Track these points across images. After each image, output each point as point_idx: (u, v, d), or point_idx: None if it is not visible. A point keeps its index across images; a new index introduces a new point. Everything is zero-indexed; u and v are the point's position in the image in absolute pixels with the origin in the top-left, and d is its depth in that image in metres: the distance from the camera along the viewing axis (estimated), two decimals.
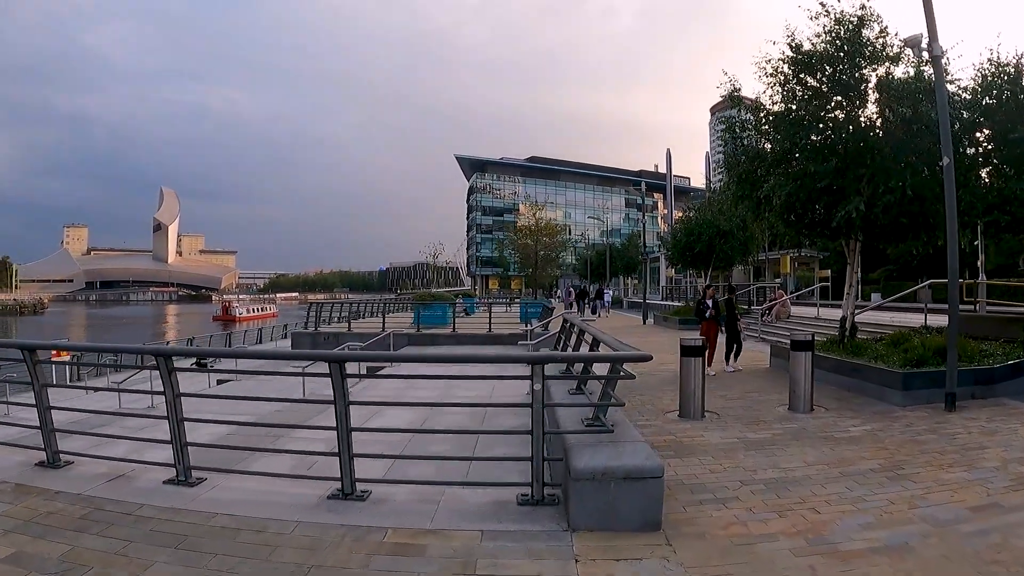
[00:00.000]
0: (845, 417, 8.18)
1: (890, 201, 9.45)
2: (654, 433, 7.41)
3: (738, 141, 11.80)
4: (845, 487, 5.39)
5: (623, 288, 61.12)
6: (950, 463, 6.08)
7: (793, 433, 7.36)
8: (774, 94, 11.07)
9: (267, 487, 5.40)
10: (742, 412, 8.63)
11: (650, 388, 10.58)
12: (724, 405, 9.09)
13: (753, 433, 7.41)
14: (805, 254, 38.19)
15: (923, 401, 8.78)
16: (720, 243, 25.03)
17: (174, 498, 5.12)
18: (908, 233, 10.37)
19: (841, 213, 9.49)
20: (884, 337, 12.17)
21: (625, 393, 10.36)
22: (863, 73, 10.43)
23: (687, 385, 8.28)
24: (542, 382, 4.58)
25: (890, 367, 9.22)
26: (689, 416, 8.23)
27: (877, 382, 9.32)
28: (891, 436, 7.13)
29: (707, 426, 7.84)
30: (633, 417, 8.32)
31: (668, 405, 8.98)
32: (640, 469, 4.34)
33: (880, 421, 7.91)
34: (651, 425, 7.88)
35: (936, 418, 8.03)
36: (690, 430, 7.62)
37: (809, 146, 10.11)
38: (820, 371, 9.43)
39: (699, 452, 6.60)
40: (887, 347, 10.68)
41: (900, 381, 8.85)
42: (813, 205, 10.29)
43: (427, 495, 5.15)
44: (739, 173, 11.55)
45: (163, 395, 5.50)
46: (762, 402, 9.35)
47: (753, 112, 11.56)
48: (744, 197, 11.71)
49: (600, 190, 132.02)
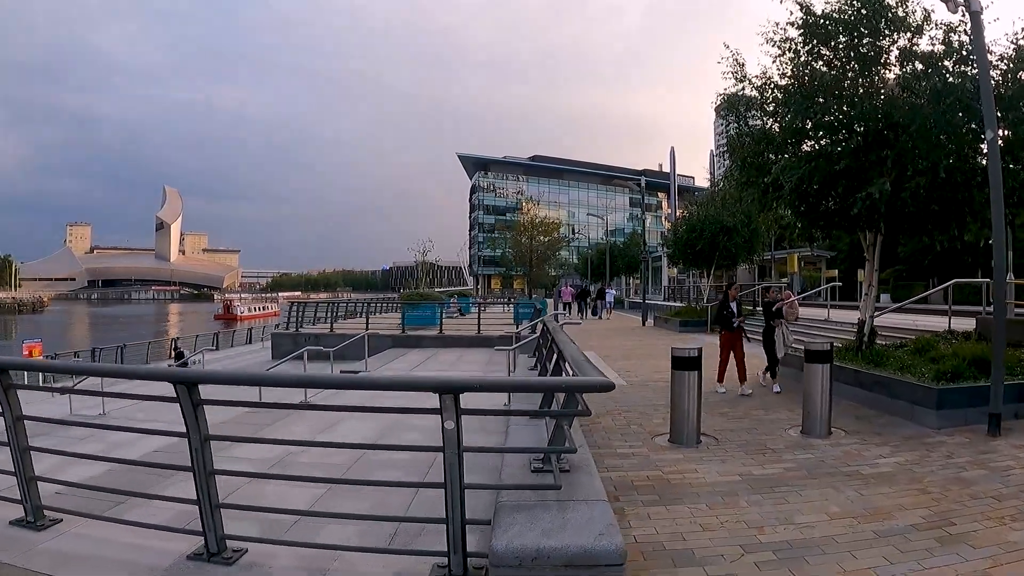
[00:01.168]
0: (870, 444, 6.77)
1: (920, 185, 8.02)
2: (636, 467, 6.02)
3: (742, 121, 10.37)
4: (883, 556, 3.98)
5: (625, 288, 59.61)
6: (1012, 514, 4.68)
7: (809, 467, 5.94)
8: (783, 66, 9.66)
9: (133, 539, 4.08)
10: (746, 436, 7.21)
11: (640, 403, 9.19)
12: (724, 426, 7.68)
13: (759, 466, 6.00)
14: (813, 253, 36.68)
15: (960, 422, 7.38)
16: (724, 240, 23.53)
17: (10, 544, 3.97)
18: (938, 223, 8.92)
19: (863, 197, 8.03)
20: (906, 343, 10.77)
21: (610, 409, 8.94)
22: (883, 44, 9.03)
23: (680, 405, 6.86)
24: (456, 418, 3.20)
25: (922, 381, 7.78)
26: (682, 442, 6.83)
27: (906, 398, 7.90)
28: (930, 472, 5.72)
29: (703, 455, 6.42)
30: (614, 442, 6.96)
31: (658, 426, 7.58)
32: (590, 554, 2.94)
33: (913, 449, 6.50)
34: (634, 455, 6.47)
35: (979, 445, 6.63)
36: (682, 461, 6.20)
37: (825, 123, 8.68)
38: (836, 383, 8.00)
39: (689, 496, 5.20)
40: (912, 355, 9.27)
41: (935, 399, 7.42)
42: (829, 190, 8.81)
43: (316, 561, 3.80)
44: (743, 156, 10.11)
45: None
46: (769, 422, 7.93)
47: (759, 91, 10.15)
48: (749, 183, 10.25)
49: (604, 189, 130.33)
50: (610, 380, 3.07)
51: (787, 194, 9.11)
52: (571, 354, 4.73)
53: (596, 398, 9.71)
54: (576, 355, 4.64)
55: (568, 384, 3.24)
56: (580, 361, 4.29)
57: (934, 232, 9.31)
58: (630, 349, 17.13)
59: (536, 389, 3.23)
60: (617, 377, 11.83)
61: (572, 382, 3.25)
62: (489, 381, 3.14)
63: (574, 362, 4.31)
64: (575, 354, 4.69)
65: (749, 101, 10.38)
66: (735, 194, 23.01)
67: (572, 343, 5.70)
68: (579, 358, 4.44)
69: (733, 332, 10.20)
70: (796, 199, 9.20)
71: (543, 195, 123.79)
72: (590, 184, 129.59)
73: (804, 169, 8.62)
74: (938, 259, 33.54)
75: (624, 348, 17.48)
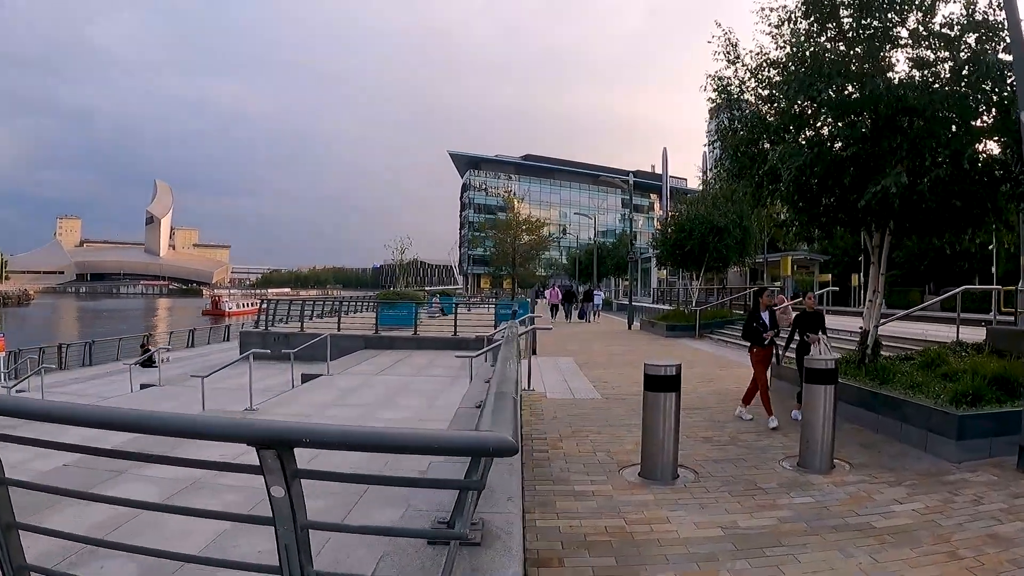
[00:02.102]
0: (881, 482, 5.62)
1: (940, 176, 6.88)
2: (594, 512, 4.84)
3: (734, 106, 9.23)
4: None
5: (614, 289, 58.52)
6: None
7: (809, 517, 4.76)
8: (781, 42, 8.54)
9: None
10: (732, 469, 6.04)
11: (613, 422, 8.04)
12: (707, 455, 6.51)
13: (747, 514, 4.83)
14: (807, 257, 35.70)
15: (984, 454, 6.25)
16: (714, 241, 22.38)
17: None
18: (957, 221, 7.79)
19: (876, 190, 6.85)
20: (911, 355, 9.66)
21: (577, 430, 7.55)
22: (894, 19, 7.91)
23: (653, 433, 5.67)
24: (285, 485, 2.01)
25: (939, 404, 6.63)
26: (655, 476, 5.65)
27: (920, 424, 6.75)
28: (958, 527, 4.56)
29: (678, 496, 5.24)
30: (573, 475, 5.78)
31: (630, 453, 6.39)
32: None
33: (933, 491, 5.36)
34: (595, 494, 5.28)
35: (1011, 485, 5.49)
36: (652, 505, 5.02)
37: (830, 102, 7.51)
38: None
39: (656, 561, 4.01)
40: (920, 371, 8.15)
41: (955, 427, 6.26)
42: (833, 181, 7.63)
43: None
44: (735, 143, 8.95)
45: None
46: (760, 450, 6.75)
47: (754, 73, 9.01)
48: (741, 175, 9.05)
49: (596, 190, 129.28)
50: (511, 442, 1.90)
51: (785, 186, 7.95)
52: (496, 383, 3.54)
53: (562, 414, 8.56)
54: (502, 386, 3.44)
55: (443, 444, 2.06)
56: (503, 396, 3.08)
57: (948, 233, 8.19)
58: (611, 356, 15.96)
59: (394, 448, 2.02)
60: (591, 389, 10.67)
61: (450, 441, 2.07)
62: (333, 432, 1.95)
63: (496, 396, 3.11)
64: (501, 385, 3.49)
65: (743, 83, 9.24)
66: (726, 191, 21.97)
67: (511, 364, 4.51)
68: (504, 391, 3.23)
69: (766, 348, 8.49)
70: (795, 191, 8.04)
71: (535, 194, 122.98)
72: (582, 184, 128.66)
73: (806, 156, 7.45)
74: (934, 264, 32.65)
75: (604, 354, 16.31)
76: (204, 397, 10.91)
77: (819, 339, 7.96)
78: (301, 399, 11.68)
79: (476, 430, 2.40)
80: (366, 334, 21.30)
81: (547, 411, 8.79)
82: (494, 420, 2.54)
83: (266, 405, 10.73)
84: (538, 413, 8.63)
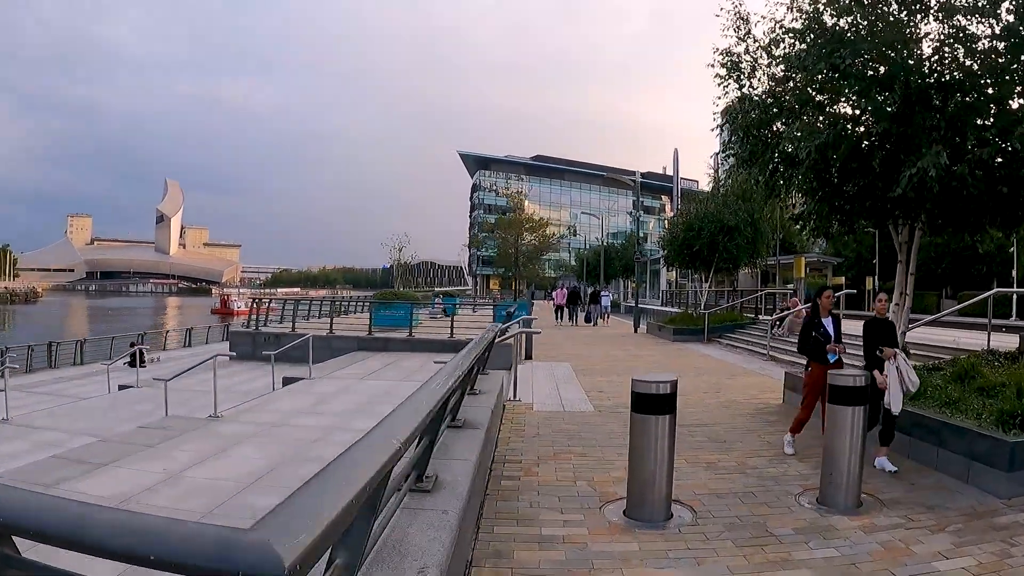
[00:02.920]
0: (919, 526, 4.58)
1: (984, 158, 5.83)
2: (559, 568, 3.83)
3: (743, 83, 8.22)
4: None
5: (623, 291, 57.42)
6: None
7: None
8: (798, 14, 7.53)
9: None
10: (738, 506, 5.01)
11: (603, 441, 7.04)
12: (709, 486, 5.49)
13: (755, 573, 3.84)
14: (819, 258, 34.51)
15: None
16: (724, 240, 21.31)
17: None
18: (1002, 212, 6.73)
19: (912, 172, 5.78)
20: (940, 365, 8.60)
21: (559, 451, 6.50)
22: None
23: (642, 464, 4.64)
24: None
25: (984, 428, 5.59)
26: (643, 516, 4.64)
27: (959, 450, 5.71)
28: None
29: (669, 546, 4.22)
30: (543, 512, 4.78)
31: (617, 482, 5.37)
32: None
33: (983, 538, 4.33)
34: (565, 540, 4.26)
35: None
36: (635, 559, 4.00)
37: (856, 72, 6.45)
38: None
39: None
40: (953, 384, 7.11)
41: (1007, 456, 5.21)
42: (858, 164, 6.57)
43: None
44: (745, 125, 7.91)
45: None
46: (772, 481, 5.72)
47: (767, 49, 8.01)
48: (752, 160, 7.98)
49: (606, 191, 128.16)
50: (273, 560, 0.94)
51: (802, 172, 6.92)
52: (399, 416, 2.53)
53: (546, 430, 7.55)
54: (397, 421, 2.44)
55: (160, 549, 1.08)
56: (369, 446, 2.07)
57: (991, 226, 7.14)
58: (612, 362, 14.93)
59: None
60: (585, 400, 9.67)
61: (173, 545, 1.08)
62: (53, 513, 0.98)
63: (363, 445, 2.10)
64: (398, 420, 2.48)
65: (755, 60, 8.23)
66: (738, 189, 20.91)
67: (439, 383, 3.49)
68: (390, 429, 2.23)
69: (829, 366, 6.21)
70: (813, 178, 7.00)
71: (544, 195, 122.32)
72: (592, 185, 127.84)
73: (828, 135, 6.40)
74: (951, 267, 31.41)
75: (606, 360, 15.28)
76: (167, 402, 10.12)
77: (895, 354, 6.02)
78: (271, 406, 10.77)
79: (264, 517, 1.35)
80: (360, 335, 20.45)
81: (530, 426, 7.80)
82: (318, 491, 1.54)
83: (233, 412, 9.89)
84: (519, 429, 7.64)
